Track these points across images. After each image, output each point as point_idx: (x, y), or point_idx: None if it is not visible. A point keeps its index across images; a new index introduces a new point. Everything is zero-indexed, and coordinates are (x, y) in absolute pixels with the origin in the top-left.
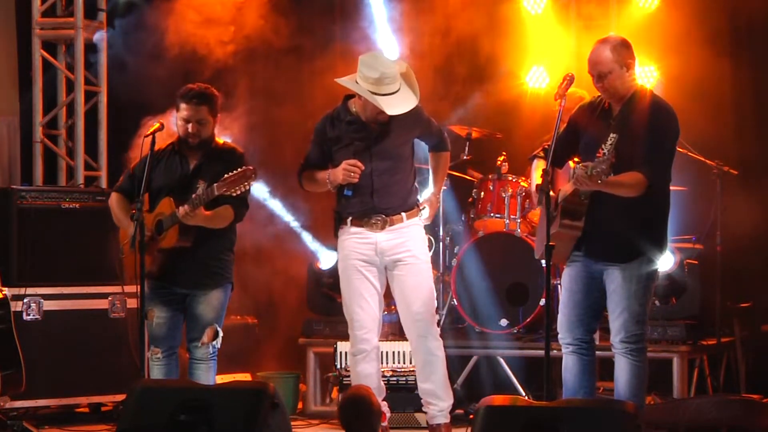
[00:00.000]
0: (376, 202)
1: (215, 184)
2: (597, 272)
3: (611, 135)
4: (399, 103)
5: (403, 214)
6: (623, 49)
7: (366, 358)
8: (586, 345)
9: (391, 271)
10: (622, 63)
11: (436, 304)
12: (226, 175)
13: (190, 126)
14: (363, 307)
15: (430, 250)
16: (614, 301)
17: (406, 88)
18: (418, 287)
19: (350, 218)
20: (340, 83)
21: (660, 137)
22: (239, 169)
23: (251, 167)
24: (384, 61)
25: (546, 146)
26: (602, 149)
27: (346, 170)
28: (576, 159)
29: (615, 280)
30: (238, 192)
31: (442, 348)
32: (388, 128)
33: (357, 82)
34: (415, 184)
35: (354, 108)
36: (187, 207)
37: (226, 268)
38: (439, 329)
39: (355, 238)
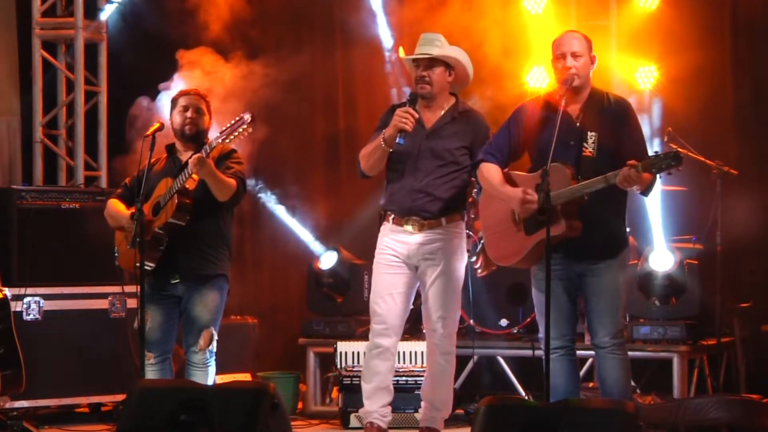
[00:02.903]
0: (417, 203)
1: (215, 135)
2: (578, 272)
3: (590, 133)
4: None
5: (443, 219)
6: (591, 44)
7: (380, 355)
8: (574, 345)
9: (422, 274)
10: (590, 55)
11: (458, 314)
12: (223, 128)
13: (189, 112)
14: (387, 302)
15: (469, 257)
16: (603, 300)
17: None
18: (444, 296)
19: (392, 216)
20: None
21: (641, 133)
22: (237, 118)
23: (248, 112)
24: (431, 34)
25: (488, 150)
26: (586, 148)
27: (398, 115)
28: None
29: (602, 276)
30: (241, 138)
31: (454, 361)
32: (443, 128)
33: None
34: (466, 194)
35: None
36: (199, 154)
37: (220, 260)
38: (455, 339)
39: (393, 236)
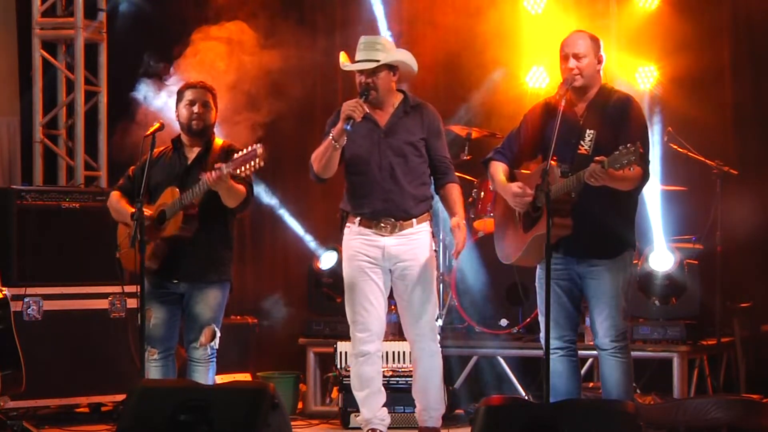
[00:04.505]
0: (389, 204)
1: (224, 165)
2: (579, 272)
3: (588, 131)
4: (362, 63)
5: (414, 219)
6: (598, 44)
7: (368, 361)
8: (575, 346)
9: (397, 277)
10: (597, 55)
11: (437, 312)
12: (234, 156)
13: (196, 107)
14: (368, 310)
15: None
16: (602, 300)
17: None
18: (423, 299)
19: (359, 219)
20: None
21: (644, 131)
22: (247, 149)
23: (259, 145)
24: (371, 37)
25: (499, 149)
26: (582, 145)
27: (346, 104)
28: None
29: (602, 278)
30: (248, 172)
31: (440, 359)
32: (398, 124)
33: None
34: (431, 191)
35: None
36: (217, 173)
37: (224, 264)
38: (438, 337)
39: (362, 239)
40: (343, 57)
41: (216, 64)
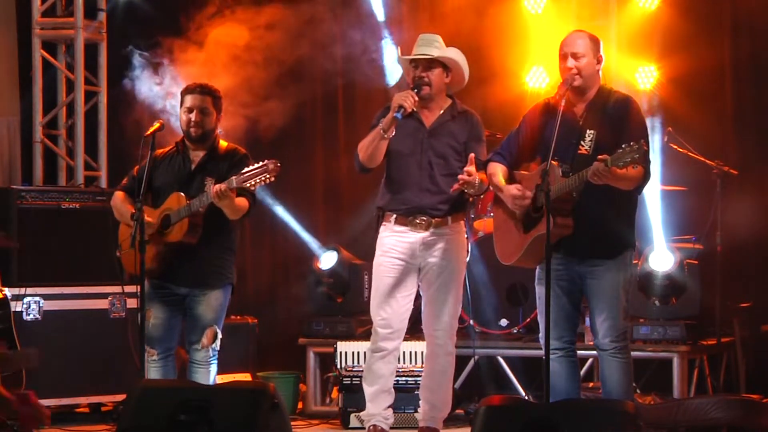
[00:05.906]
0: (425, 201)
1: (234, 178)
2: (579, 273)
3: (588, 131)
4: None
5: (449, 218)
6: (597, 44)
7: (384, 358)
8: (574, 347)
9: (425, 273)
10: (596, 55)
11: (459, 314)
12: (246, 169)
13: (193, 114)
14: (392, 306)
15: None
16: (603, 300)
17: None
18: (447, 296)
19: (395, 216)
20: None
21: (645, 131)
22: (261, 163)
23: (273, 160)
24: (429, 34)
25: (498, 150)
26: (582, 146)
27: (398, 95)
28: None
29: (602, 278)
30: (256, 186)
31: (454, 362)
32: (444, 126)
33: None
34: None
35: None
36: (224, 186)
37: (226, 268)
38: (455, 338)
39: (397, 237)
40: (398, 52)
41: (213, 58)
